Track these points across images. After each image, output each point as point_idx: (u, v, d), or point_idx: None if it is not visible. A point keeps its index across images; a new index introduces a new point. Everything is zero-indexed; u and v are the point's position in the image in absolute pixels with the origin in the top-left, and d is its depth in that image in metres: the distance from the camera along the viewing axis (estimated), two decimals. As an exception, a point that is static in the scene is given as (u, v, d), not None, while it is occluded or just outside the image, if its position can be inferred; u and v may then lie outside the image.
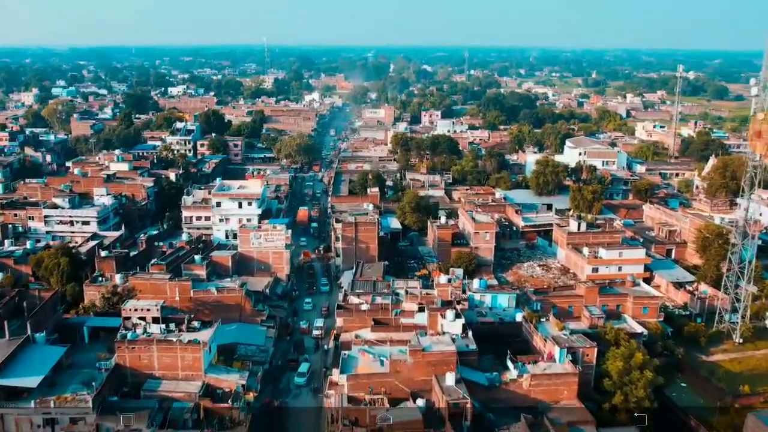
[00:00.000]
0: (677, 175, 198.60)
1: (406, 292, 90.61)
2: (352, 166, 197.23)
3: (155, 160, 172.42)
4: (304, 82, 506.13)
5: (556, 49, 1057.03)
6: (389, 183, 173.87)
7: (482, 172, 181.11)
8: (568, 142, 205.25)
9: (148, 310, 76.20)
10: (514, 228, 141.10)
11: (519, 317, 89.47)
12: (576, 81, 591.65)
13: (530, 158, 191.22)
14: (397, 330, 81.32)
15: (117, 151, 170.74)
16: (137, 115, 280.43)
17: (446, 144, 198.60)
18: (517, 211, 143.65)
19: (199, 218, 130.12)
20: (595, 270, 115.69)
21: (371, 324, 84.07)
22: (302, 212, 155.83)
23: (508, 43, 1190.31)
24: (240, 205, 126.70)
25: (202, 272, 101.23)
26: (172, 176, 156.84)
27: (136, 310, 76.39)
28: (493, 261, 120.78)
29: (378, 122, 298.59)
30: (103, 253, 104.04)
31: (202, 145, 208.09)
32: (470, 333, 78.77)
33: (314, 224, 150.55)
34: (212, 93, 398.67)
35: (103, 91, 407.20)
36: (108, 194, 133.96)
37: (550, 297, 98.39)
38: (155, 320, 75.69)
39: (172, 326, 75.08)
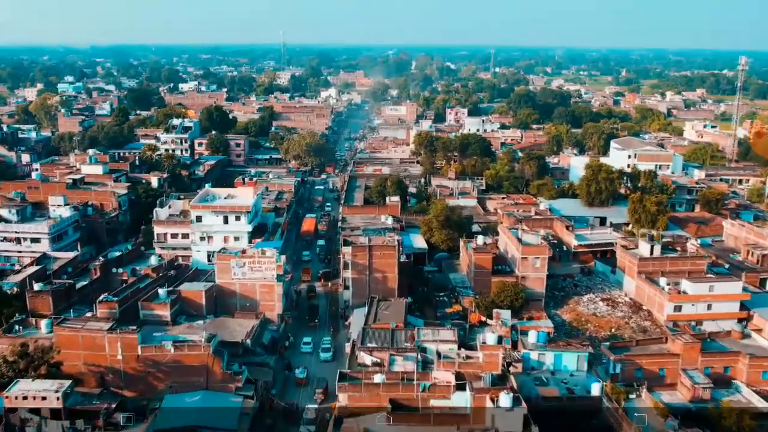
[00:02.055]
0: (740, 181, 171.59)
1: (438, 354, 64.57)
2: (369, 170, 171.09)
3: (137, 162, 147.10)
4: (322, 78, 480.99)
5: (581, 48, 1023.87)
6: (412, 190, 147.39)
7: (520, 178, 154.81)
8: (613, 144, 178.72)
9: (44, 398, 50.12)
10: (565, 248, 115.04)
11: (595, 389, 63.64)
12: (606, 79, 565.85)
13: (574, 161, 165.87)
14: (426, 421, 55.41)
15: (90, 151, 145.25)
16: (138, 112, 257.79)
17: (477, 144, 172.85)
18: (568, 227, 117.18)
19: (175, 236, 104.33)
20: (678, 309, 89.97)
21: (387, 406, 58.06)
22: (308, 222, 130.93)
23: (531, 42, 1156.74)
24: (226, 220, 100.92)
25: (165, 312, 76.30)
26: (155, 181, 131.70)
27: (25, 398, 50.36)
28: (544, 294, 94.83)
29: (399, 120, 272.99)
30: (36, 286, 78.53)
31: (200, 145, 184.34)
32: (536, 430, 52.74)
33: (321, 241, 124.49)
34: (225, 89, 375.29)
35: (111, 87, 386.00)
36: (67, 204, 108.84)
37: (633, 355, 71.93)
38: (55, 414, 49.98)
39: (80, 423, 49.60)
